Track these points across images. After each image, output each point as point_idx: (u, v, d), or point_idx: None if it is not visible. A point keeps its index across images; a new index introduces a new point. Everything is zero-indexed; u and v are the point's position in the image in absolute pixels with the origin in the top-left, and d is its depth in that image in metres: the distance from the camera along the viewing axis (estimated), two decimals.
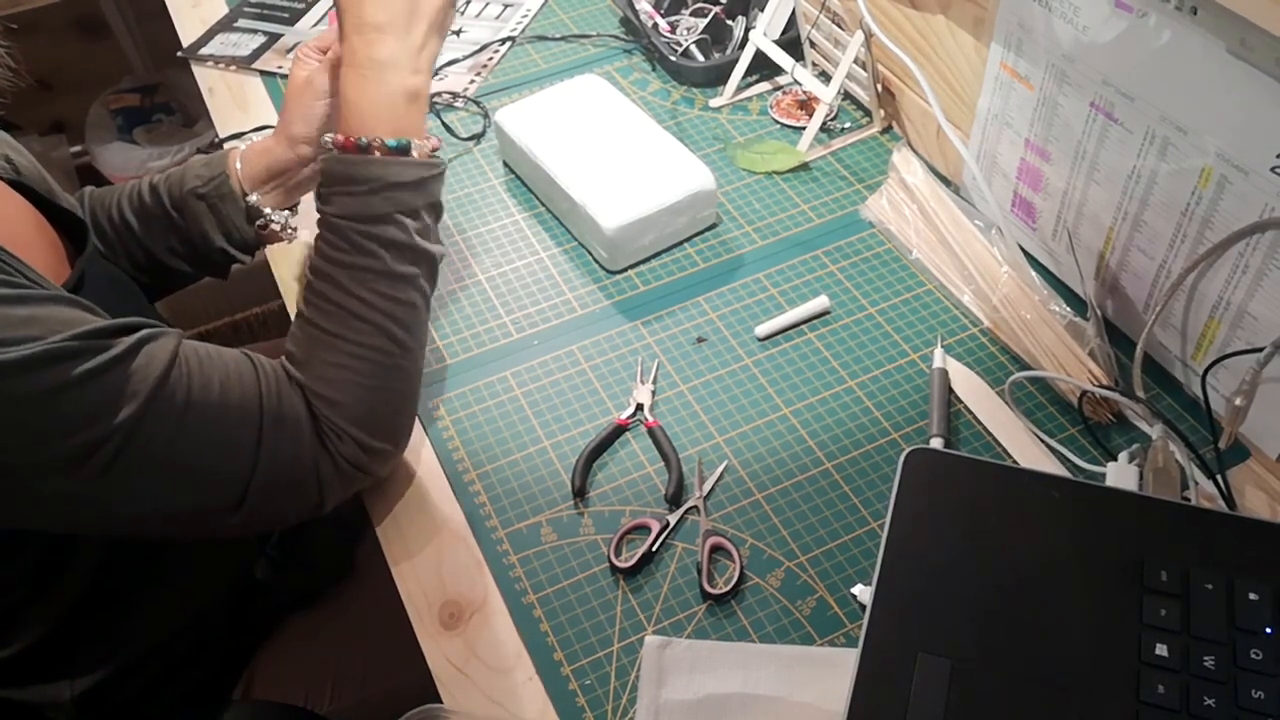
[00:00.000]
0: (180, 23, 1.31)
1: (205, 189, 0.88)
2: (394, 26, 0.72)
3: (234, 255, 0.91)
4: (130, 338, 0.63)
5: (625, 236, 0.93)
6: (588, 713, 0.67)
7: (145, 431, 0.62)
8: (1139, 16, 0.73)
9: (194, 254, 0.91)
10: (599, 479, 0.80)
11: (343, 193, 0.72)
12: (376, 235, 0.71)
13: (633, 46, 1.22)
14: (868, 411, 0.84)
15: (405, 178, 0.72)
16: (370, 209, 0.71)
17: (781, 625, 0.71)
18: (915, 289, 0.93)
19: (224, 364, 0.67)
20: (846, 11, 1.04)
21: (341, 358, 0.70)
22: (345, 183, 0.72)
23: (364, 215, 0.71)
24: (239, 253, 0.91)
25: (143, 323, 0.65)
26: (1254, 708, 0.58)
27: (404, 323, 0.73)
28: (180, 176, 0.90)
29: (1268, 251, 0.71)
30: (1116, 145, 0.80)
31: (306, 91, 0.86)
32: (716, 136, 1.10)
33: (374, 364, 0.71)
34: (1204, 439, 0.79)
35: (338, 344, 0.70)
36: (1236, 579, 0.63)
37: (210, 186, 0.88)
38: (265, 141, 0.89)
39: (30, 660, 0.77)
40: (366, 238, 0.71)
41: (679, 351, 0.89)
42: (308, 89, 0.86)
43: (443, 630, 0.72)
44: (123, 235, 0.91)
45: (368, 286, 0.71)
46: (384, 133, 0.72)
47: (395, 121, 0.73)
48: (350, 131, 0.73)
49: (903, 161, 0.99)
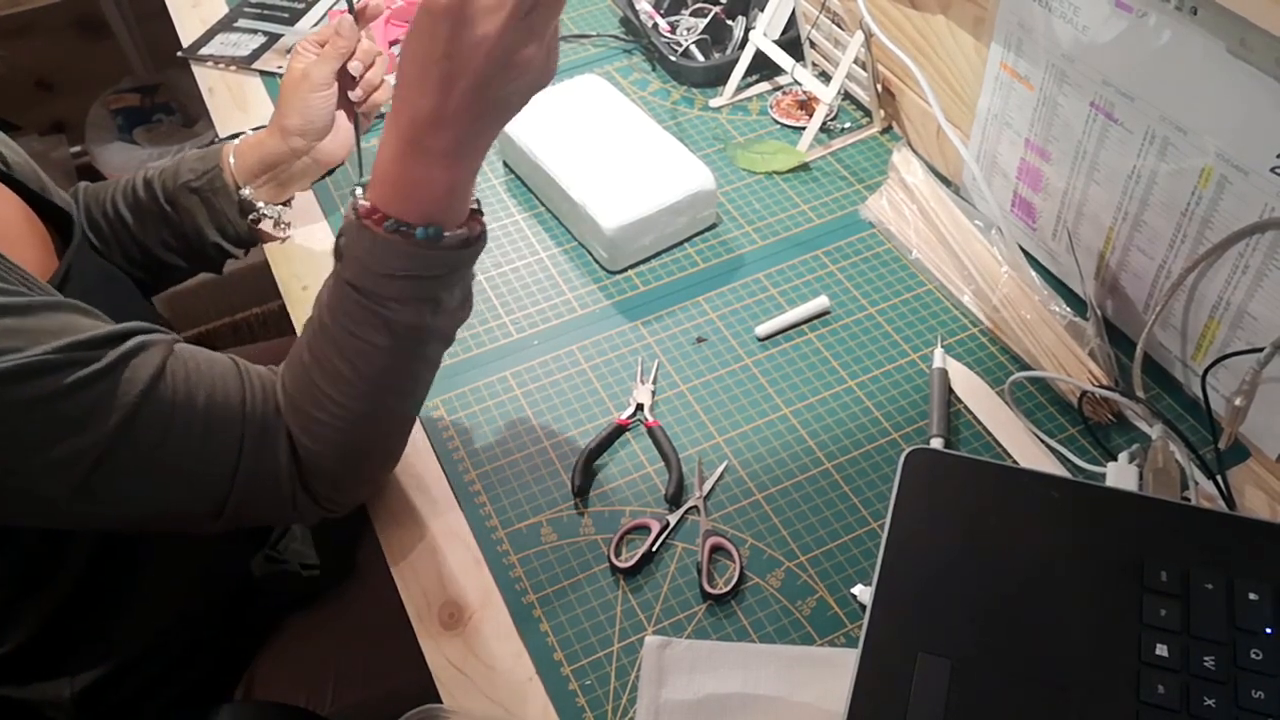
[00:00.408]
0: (180, 23, 1.31)
1: (199, 182, 0.88)
2: (450, 117, 0.60)
3: (227, 249, 0.91)
4: (117, 350, 0.62)
5: (625, 236, 0.93)
6: (588, 713, 0.67)
7: (129, 442, 0.62)
8: (1139, 16, 0.73)
9: (188, 248, 0.91)
10: (599, 479, 0.80)
11: (356, 261, 0.64)
12: (385, 317, 0.65)
13: (633, 46, 1.22)
14: (868, 411, 0.84)
15: (426, 272, 0.64)
16: (381, 289, 0.64)
17: (781, 625, 0.71)
18: (915, 289, 0.93)
19: (211, 378, 0.66)
20: (846, 11, 1.04)
21: (325, 415, 0.67)
22: (360, 252, 0.64)
23: (375, 294, 0.64)
24: (233, 247, 0.91)
25: (134, 329, 0.64)
26: (1254, 708, 0.58)
27: (400, 391, 0.69)
28: (174, 170, 0.90)
29: (1268, 251, 0.71)
30: (1116, 145, 0.80)
31: (303, 84, 0.86)
32: (716, 136, 1.10)
33: (359, 428, 0.69)
34: (1204, 439, 0.79)
35: (325, 402, 0.67)
36: (1236, 579, 0.63)
37: (204, 180, 0.88)
38: (259, 134, 0.89)
39: (27, 658, 0.77)
40: (373, 315, 0.65)
41: (679, 351, 0.89)
42: (304, 82, 0.86)
43: (443, 630, 0.72)
44: (117, 230, 0.91)
45: (365, 359, 0.66)
46: (414, 218, 0.63)
47: (428, 209, 0.63)
48: (378, 201, 0.63)
49: (903, 161, 0.99)
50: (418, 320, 0.66)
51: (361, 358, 0.66)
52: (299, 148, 0.87)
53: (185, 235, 0.90)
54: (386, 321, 0.65)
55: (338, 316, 0.66)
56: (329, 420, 0.68)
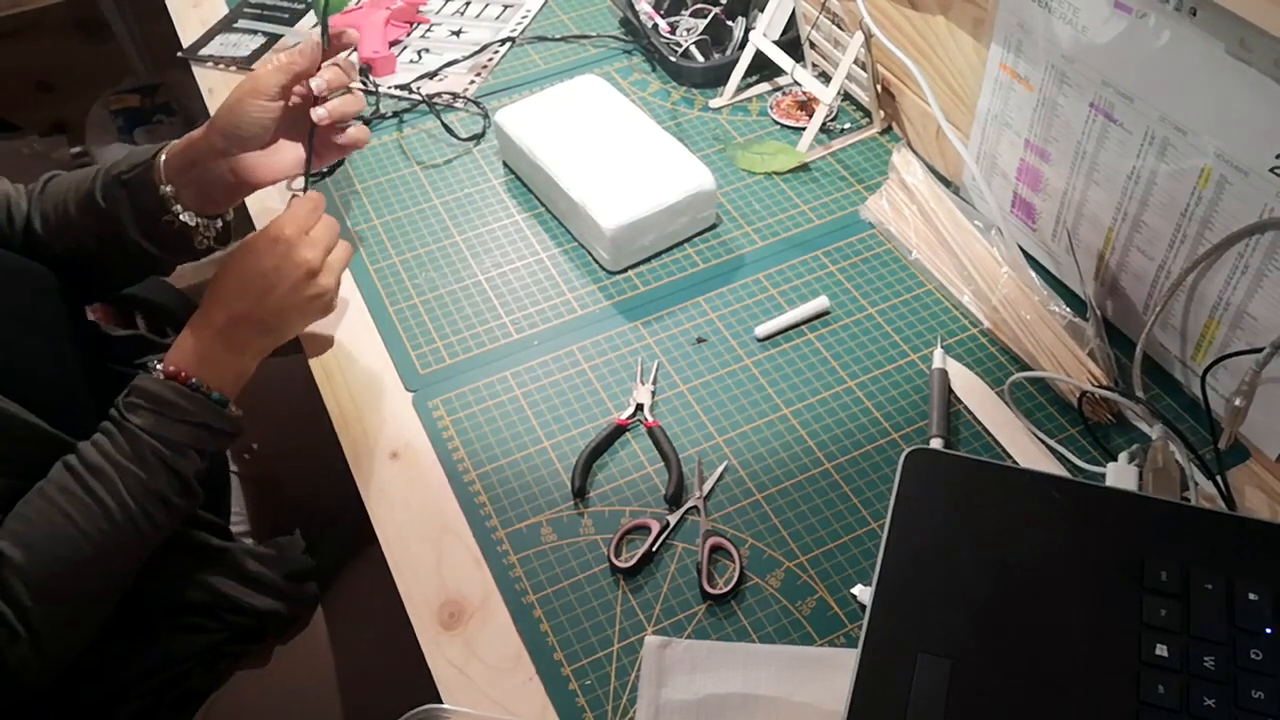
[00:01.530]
0: (180, 23, 1.31)
1: (129, 175, 0.85)
2: (259, 323, 0.81)
3: (150, 251, 0.87)
4: None
5: (625, 236, 0.94)
6: (588, 713, 0.67)
7: None
8: (1138, 17, 0.73)
9: (113, 246, 0.87)
10: (599, 479, 0.80)
11: (153, 411, 0.76)
12: (168, 461, 0.76)
13: (633, 47, 1.22)
14: (868, 412, 0.84)
15: (216, 424, 0.79)
16: (176, 434, 0.76)
17: (781, 625, 0.71)
18: (915, 289, 0.93)
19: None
20: (846, 12, 1.04)
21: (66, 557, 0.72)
22: (159, 404, 0.76)
23: (167, 439, 0.76)
24: (156, 249, 0.87)
25: None
26: (1254, 708, 0.58)
27: (146, 543, 0.76)
28: (115, 161, 0.87)
29: (1267, 251, 0.71)
30: (1116, 146, 0.80)
31: (245, 84, 0.83)
32: (716, 137, 1.10)
33: (97, 594, 0.75)
34: (1204, 439, 0.79)
35: (80, 542, 0.72)
36: (1236, 579, 0.63)
37: (134, 173, 0.85)
38: (194, 131, 0.86)
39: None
40: (158, 457, 0.75)
41: (679, 352, 0.89)
42: (247, 83, 0.83)
43: (443, 630, 0.72)
44: (61, 219, 0.87)
45: (134, 497, 0.74)
46: (211, 387, 0.79)
47: (223, 384, 0.79)
48: (183, 367, 0.78)
49: (902, 162, 0.99)
50: (189, 471, 0.77)
51: (131, 495, 0.74)
52: (217, 146, 0.83)
53: (114, 233, 0.86)
54: (166, 464, 0.76)
55: (111, 457, 0.74)
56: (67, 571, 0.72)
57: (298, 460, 1.07)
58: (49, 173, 0.91)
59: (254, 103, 0.83)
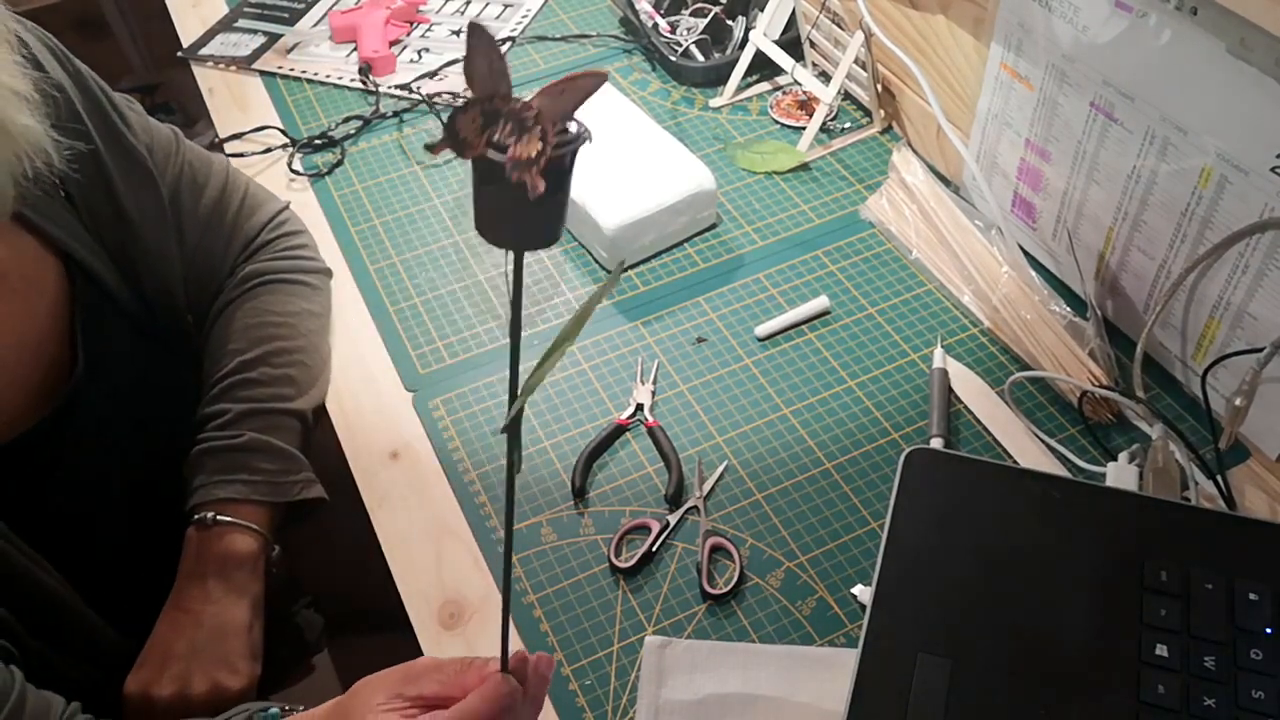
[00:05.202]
0: (180, 23, 1.31)
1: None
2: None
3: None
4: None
5: (625, 236, 0.93)
6: (588, 713, 0.67)
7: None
8: (1139, 16, 0.73)
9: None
10: (599, 479, 0.80)
11: None
12: None
13: (633, 47, 1.22)
14: (868, 411, 0.84)
15: None
16: None
17: (781, 625, 0.71)
18: (915, 289, 0.93)
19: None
20: (846, 11, 1.04)
21: None
22: None
23: None
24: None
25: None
26: (1254, 708, 0.58)
27: None
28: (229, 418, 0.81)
29: (1268, 251, 0.71)
30: (1116, 145, 0.80)
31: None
32: (716, 136, 1.10)
33: None
34: (1204, 439, 0.79)
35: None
36: (1236, 579, 0.63)
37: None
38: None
39: None
40: None
41: (679, 351, 0.89)
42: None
43: (443, 630, 0.72)
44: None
45: None
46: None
47: None
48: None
49: (903, 161, 0.99)
50: None
51: None
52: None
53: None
54: None
55: None
56: None
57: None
58: (260, 285, 0.87)
59: None
